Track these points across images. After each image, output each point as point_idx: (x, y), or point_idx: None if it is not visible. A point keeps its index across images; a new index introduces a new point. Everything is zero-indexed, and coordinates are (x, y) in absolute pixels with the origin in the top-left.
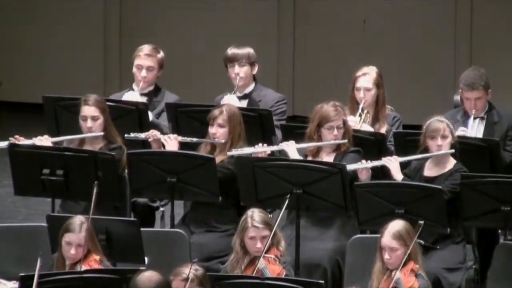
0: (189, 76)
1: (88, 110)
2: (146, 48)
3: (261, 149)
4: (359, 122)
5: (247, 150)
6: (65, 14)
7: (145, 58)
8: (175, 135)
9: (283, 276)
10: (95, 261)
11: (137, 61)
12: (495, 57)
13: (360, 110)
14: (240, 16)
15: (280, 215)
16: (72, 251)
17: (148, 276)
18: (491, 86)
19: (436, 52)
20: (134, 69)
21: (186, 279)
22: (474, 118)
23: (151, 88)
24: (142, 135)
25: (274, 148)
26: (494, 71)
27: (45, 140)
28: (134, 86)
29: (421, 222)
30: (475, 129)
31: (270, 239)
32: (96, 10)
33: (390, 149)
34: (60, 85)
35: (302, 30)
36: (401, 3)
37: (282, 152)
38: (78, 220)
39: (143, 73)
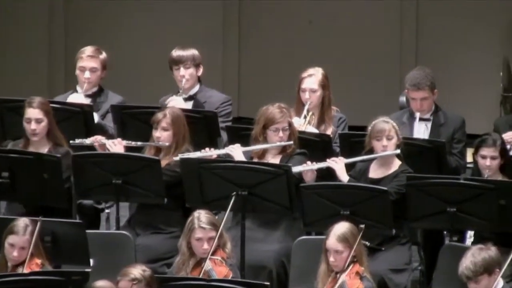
0: (135, 78)
1: (32, 113)
2: (88, 50)
3: (208, 154)
4: (304, 124)
5: (193, 155)
6: (9, 15)
7: (87, 60)
8: (120, 140)
9: (229, 278)
10: (36, 265)
11: (79, 63)
12: (440, 58)
13: (305, 112)
14: (185, 16)
15: (225, 216)
16: (15, 253)
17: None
18: (437, 88)
19: (382, 53)
20: (77, 71)
21: (134, 280)
22: (420, 120)
23: (95, 89)
24: (87, 141)
25: (221, 151)
26: (439, 72)
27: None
28: (78, 88)
29: (362, 226)
30: (422, 131)
31: (216, 240)
32: (41, 12)
33: (335, 151)
34: (6, 87)
35: (247, 31)
36: (347, 3)
37: (227, 155)
38: (22, 222)
39: (87, 74)
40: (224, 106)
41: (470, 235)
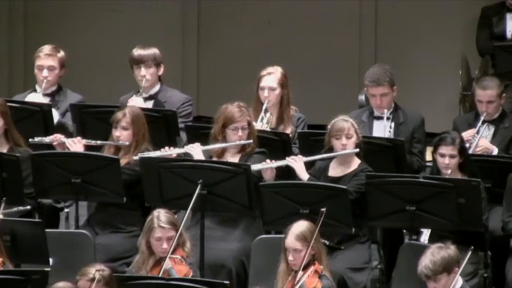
0: (94, 76)
1: None
2: (46, 48)
3: (168, 153)
4: (261, 127)
5: (153, 154)
6: None
7: (45, 58)
8: (79, 138)
9: (190, 276)
10: None
11: (38, 62)
12: (400, 57)
13: (263, 112)
14: (144, 16)
15: (186, 215)
16: None
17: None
18: (397, 86)
19: (341, 53)
20: (36, 70)
21: (93, 279)
22: (381, 118)
23: (54, 88)
24: (47, 139)
25: (180, 150)
26: (399, 70)
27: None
28: (37, 87)
29: (323, 209)
30: (388, 129)
31: (176, 239)
32: (0, 11)
33: (294, 152)
34: None
35: (207, 30)
36: (305, 3)
37: (187, 154)
38: None
39: (45, 73)
40: (184, 106)
41: (424, 236)
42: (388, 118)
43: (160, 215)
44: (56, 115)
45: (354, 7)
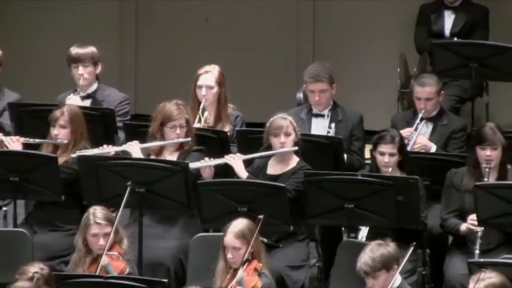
0: (32, 75)
1: None
2: None
3: (106, 151)
4: (199, 125)
5: (91, 152)
6: None
7: None
8: (18, 137)
9: (126, 272)
10: None
11: None
12: (338, 54)
13: (200, 111)
14: (81, 13)
15: (120, 212)
16: None
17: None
18: (336, 84)
19: (279, 50)
20: None
21: (31, 278)
22: (320, 116)
23: None
24: None
25: (118, 149)
26: (337, 68)
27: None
28: None
29: (261, 216)
30: (327, 130)
31: (112, 235)
32: None
33: (232, 151)
34: None
35: (144, 28)
36: (242, 1)
37: (125, 152)
38: None
39: None
40: (122, 105)
41: (362, 234)
42: (327, 116)
43: (96, 212)
44: None
45: (292, 6)
